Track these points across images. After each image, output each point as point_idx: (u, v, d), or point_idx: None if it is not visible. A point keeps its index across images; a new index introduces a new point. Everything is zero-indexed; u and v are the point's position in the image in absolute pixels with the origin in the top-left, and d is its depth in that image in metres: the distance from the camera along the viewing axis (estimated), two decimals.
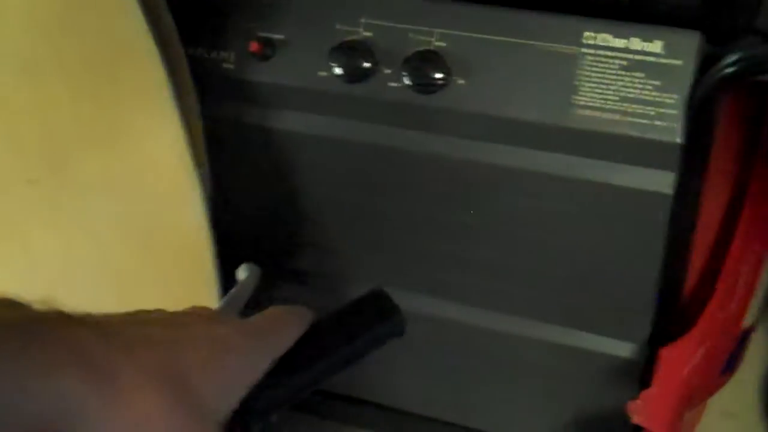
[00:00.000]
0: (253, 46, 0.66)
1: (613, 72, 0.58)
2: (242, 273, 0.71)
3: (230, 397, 0.46)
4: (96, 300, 0.73)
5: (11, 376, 0.38)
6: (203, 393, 0.44)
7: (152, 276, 0.73)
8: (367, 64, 0.63)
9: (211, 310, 0.50)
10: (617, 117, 0.59)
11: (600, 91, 0.59)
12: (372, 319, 0.51)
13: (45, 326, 0.41)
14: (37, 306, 0.43)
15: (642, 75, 0.58)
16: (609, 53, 0.58)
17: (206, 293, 0.72)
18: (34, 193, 0.69)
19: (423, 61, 0.62)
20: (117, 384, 0.40)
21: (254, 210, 0.76)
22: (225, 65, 0.67)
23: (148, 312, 0.49)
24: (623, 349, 0.73)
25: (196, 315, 0.50)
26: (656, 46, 0.57)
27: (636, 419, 0.69)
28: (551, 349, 0.75)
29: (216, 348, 0.46)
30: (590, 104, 0.59)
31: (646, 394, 0.69)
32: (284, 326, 0.50)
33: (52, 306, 0.43)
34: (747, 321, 0.71)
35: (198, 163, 0.68)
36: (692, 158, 0.60)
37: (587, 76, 0.59)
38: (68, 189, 0.69)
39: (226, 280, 0.71)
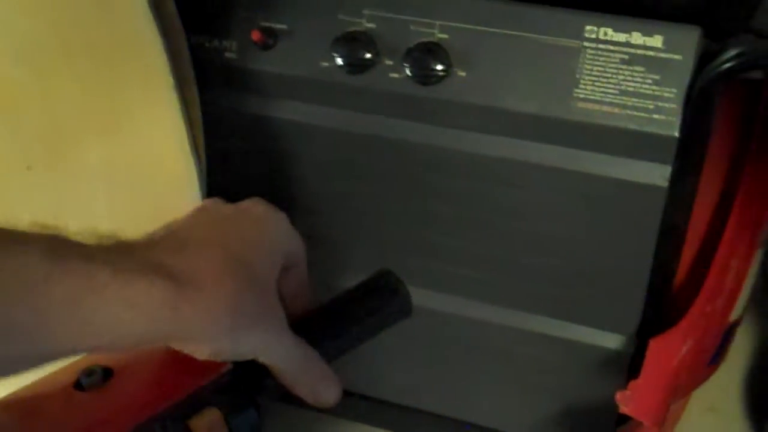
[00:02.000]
0: (255, 35, 0.66)
1: (614, 65, 0.59)
2: None
3: (274, 266, 0.52)
4: None
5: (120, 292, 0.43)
6: (258, 265, 0.50)
7: None
8: (368, 55, 0.64)
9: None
10: (617, 110, 0.60)
11: (600, 84, 0.60)
12: (381, 298, 0.52)
13: (122, 248, 0.46)
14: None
15: (642, 69, 0.59)
16: (610, 47, 0.59)
17: None
18: (33, 180, 0.69)
19: (424, 53, 0.63)
20: (199, 286, 0.45)
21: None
22: (227, 54, 0.68)
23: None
24: (613, 341, 0.74)
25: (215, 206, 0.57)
26: (656, 41, 0.59)
27: (624, 409, 0.70)
28: (542, 340, 0.76)
29: (255, 224, 0.54)
30: (591, 97, 0.60)
31: (634, 384, 0.70)
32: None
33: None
34: (734, 315, 0.72)
35: (197, 152, 0.68)
36: (689, 152, 0.61)
37: (588, 69, 0.60)
38: (68, 176, 0.69)
39: None
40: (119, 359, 0.53)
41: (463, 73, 0.63)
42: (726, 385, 0.91)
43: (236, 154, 0.73)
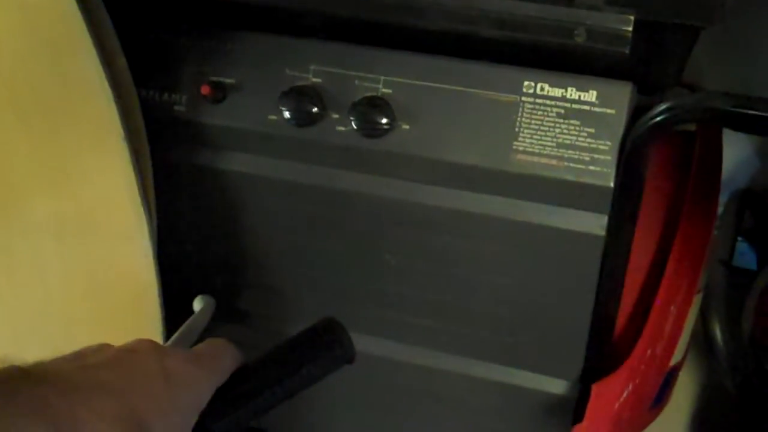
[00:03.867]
0: (205, 89, 0.67)
1: (551, 119, 0.62)
2: (197, 304, 0.72)
3: (183, 427, 0.47)
4: (42, 340, 0.73)
5: None
6: (159, 428, 0.45)
7: (99, 316, 0.74)
8: (315, 109, 0.65)
9: (154, 341, 0.52)
10: (554, 162, 0.62)
11: (538, 137, 0.62)
12: (324, 345, 0.53)
13: (6, 386, 0.41)
14: None
15: (577, 122, 0.61)
16: (547, 102, 0.62)
17: (152, 333, 0.72)
18: None
19: (369, 107, 0.64)
20: None
21: (201, 250, 0.77)
22: (176, 108, 0.69)
23: (95, 350, 0.50)
24: (557, 386, 0.75)
25: (143, 351, 0.51)
26: (591, 96, 0.61)
27: None
28: (487, 386, 0.77)
29: (167, 381, 0.47)
30: (529, 150, 0.62)
31: (578, 428, 0.71)
32: (225, 353, 0.52)
33: (10, 362, 0.43)
34: (675, 358, 0.74)
35: (147, 203, 0.69)
36: (624, 201, 0.63)
37: (527, 123, 0.62)
38: (18, 229, 0.69)
39: (171, 320, 0.72)
40: None
41: (406, 127, 0.64)
42: (672, 427, 0.92)
43: (186, 205, 0.74)
